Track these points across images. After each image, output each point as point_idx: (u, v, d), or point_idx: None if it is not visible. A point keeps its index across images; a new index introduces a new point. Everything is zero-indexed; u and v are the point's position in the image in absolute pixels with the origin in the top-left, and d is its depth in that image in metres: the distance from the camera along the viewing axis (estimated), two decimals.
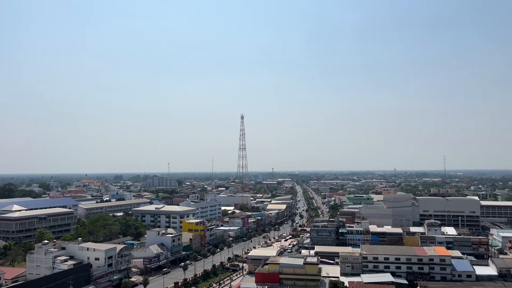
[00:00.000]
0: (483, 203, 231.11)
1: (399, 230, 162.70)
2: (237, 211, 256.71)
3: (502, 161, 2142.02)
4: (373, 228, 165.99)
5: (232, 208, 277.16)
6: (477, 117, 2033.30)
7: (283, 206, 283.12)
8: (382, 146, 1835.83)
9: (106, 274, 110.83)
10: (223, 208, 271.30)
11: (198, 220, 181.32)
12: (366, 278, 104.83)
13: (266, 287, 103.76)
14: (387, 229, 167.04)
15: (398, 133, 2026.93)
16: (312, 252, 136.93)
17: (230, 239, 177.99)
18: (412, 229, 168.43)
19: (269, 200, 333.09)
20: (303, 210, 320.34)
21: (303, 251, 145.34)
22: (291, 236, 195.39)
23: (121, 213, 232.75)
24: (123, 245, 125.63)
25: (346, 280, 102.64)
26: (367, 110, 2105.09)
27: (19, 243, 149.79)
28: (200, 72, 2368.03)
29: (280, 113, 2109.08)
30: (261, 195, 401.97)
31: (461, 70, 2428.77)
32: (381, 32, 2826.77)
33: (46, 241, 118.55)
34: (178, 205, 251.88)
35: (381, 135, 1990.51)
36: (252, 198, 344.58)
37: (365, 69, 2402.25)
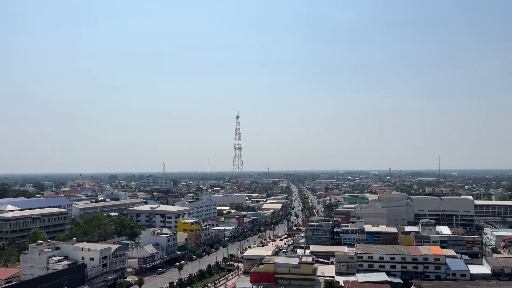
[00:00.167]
0: (477, 203, 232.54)
1: (394, 230, 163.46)
2: (233, 211, 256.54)
3: (496, 161, 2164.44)
4: (368, 228, 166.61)
5: (228, 208, 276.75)
6: (472, 117, 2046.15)
7: (279, 206, 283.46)
8: (377, 146, 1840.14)
9: (101, 274, 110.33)
10: (219, 208, 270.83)
11: (193, 220, 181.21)
12: (361, 278, 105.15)
13: (262, 287, 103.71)
14: (382, 229, 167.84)
15: (393, 133, 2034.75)
16: (308, 252, 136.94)
17: (226, 239, 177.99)
18: (407, 229, 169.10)
19: (265, 200, 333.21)
20: (299, 210, 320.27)
21: (299, 251, 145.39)
22: (287, 236, 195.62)
23: (116, 213, 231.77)
24: (118, 245, 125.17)
25: (341, 280, 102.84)
26: (362, 110, 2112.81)
27: (13, 243, 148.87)
28: (198, 72, 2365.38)
29: (276, 113, 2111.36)
30: (257, 195, 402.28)
31: (457, 70, 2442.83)
32: (377, 32, 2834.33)
33: (40, 241, 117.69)
34: (173, 205, 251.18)
35: (376, 135, 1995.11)
36: (248, 198, 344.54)
37: (361, 69, 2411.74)
